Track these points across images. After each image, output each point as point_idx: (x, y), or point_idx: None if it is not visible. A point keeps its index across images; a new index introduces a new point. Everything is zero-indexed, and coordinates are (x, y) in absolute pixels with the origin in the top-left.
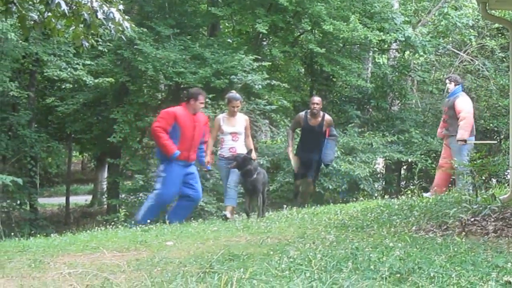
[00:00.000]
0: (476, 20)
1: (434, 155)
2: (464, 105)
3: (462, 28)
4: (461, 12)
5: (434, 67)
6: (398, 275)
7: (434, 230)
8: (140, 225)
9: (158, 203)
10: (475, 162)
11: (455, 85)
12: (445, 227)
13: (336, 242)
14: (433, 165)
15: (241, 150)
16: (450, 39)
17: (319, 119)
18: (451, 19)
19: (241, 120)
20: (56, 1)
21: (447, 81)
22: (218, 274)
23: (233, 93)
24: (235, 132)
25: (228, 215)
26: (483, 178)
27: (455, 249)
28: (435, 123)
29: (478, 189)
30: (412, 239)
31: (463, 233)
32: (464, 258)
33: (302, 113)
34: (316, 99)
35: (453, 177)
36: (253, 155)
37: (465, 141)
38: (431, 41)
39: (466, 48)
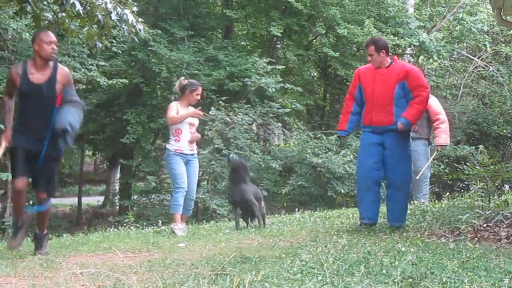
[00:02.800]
0: (491, 26)
1: (447, 160)
2: (440, 107)
3: (477, 33)
4: (476, 18)
5: (448, 73)
6: (410, 279)
7: (447, 235)
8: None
9: (357, 181)
10: (488, 168)
11: None
12: (457, 232)
13: (348, 246)
14: (446, 170)
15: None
16: (465, 44)
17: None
18: (466, 24)
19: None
20: (71, 1)
21: None
22: (230, 276)
23: (193, 80)
24: (193, 123)
25: (183, 232)
26: (496, 184)
27: (468, 254)
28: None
29: (491, 195)
30: (424, 244)
31: (476, 238)
32: (476, 263)
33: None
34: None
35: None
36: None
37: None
38: (445, 46)
39: (480, 53)
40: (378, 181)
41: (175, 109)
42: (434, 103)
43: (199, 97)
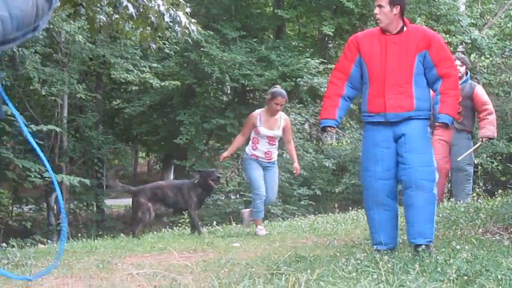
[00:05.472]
0: None
1: (500, 157)
2: (487, 96)
3: None
4: None
5: (500, 70)
6: (466, 277)
7: (501, 232)
8: None
9: (364, 195)
10: None
11: (467, 68)
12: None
13: (403, 244)
14: (499, 168)
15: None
16: None
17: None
18: None
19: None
20: (124, 4)
21: (458, 62)
22: (285, 275)
23: (277, 89)
24: (272, 136)
25: (264, 231)
26: None
27: None
28: (501, 126)
29: None
30: (478, 242)
31: None
32: None
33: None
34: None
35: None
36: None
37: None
38: (497, 44)
39: None
40: (391, 193)
41: (253, 119)
42: (480, 92)
43: (278, 107)
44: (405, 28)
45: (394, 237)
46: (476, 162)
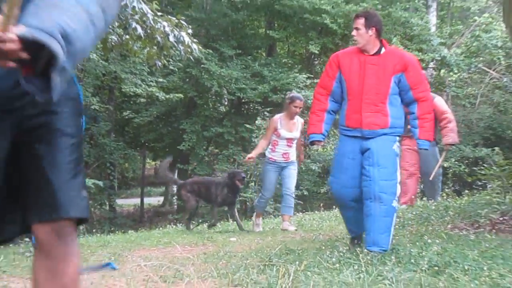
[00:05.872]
0: (505, 42)
1: (466, 161)
2: (446, 106)
3: (492, 48)
4: (491, 35)
5: (466, 84)
6: (436, 268)
7: (467, 228)
8: None
9: (333, 196)
10: (503, 168)
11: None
12: (477, 225)
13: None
14: (466, 170)
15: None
16: (481, 58)
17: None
18: (482, 40)
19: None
20: (133, 26)
21: None
22: (276, 266)
23: (295, 93)
24: (291, 138)
25: (259, 228)
26: (511, 182)
27: (487, 245)
28: (467, 133)
29: (507, 192)
30: (448, 236)
31: (493, 231)
32: (494, 253)
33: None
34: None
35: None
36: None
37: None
38: (464, 60)
39: (495, 66)
40: (356, 199)
41: (274, 123)
42: (439, 102)
43: (297, 110)
44: (383, 50)
45: (362, 227)
46: (445, 165)
